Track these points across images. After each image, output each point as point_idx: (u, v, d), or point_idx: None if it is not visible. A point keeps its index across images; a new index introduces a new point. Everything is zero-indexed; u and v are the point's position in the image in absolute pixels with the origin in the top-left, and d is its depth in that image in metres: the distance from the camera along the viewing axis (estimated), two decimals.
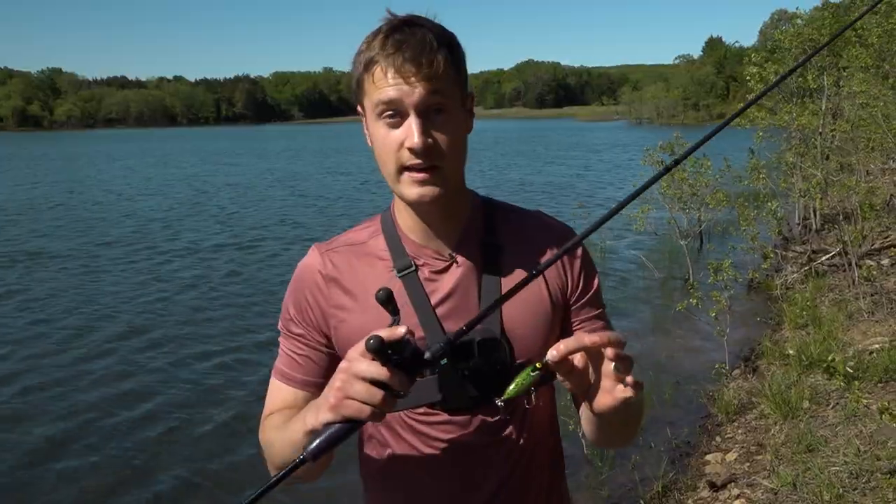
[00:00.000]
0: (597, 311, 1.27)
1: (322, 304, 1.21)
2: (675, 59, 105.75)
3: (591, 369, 1.00)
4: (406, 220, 1.21)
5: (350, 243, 1.24)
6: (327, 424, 0.96)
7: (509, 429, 1.21)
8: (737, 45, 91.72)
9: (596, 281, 1.28)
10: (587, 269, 1.27)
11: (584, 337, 0.95)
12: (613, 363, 0.96)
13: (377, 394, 0.93)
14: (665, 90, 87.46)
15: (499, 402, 1.06)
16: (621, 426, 1.18)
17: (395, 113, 1.09)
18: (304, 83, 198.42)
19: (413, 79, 1.06)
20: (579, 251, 1.26)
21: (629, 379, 0.96)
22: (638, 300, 8.26)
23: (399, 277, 1.18)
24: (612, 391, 0.97)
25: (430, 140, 1.08)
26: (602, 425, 1.15)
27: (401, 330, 0.93)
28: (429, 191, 1.11)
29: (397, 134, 1.09)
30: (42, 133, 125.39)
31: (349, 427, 0.96)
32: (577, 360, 0.98)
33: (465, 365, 1.12)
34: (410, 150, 1.08)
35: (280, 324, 1.27)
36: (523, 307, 1.19)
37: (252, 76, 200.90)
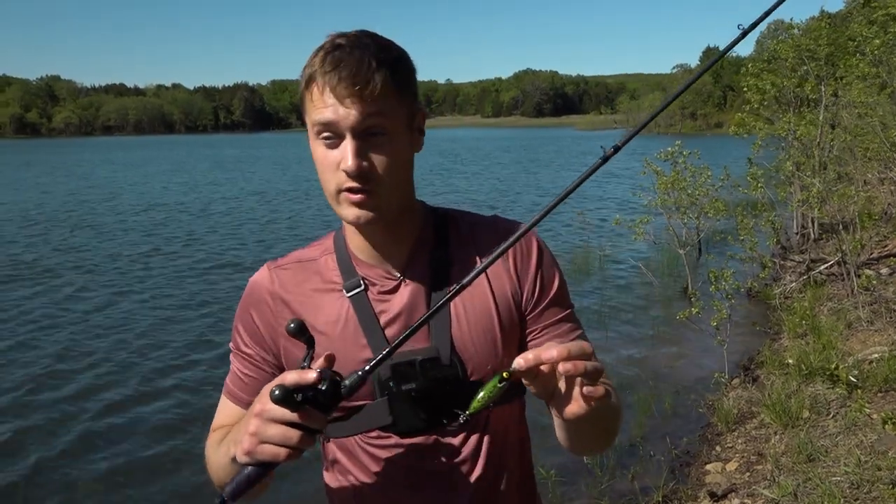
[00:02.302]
0: (561, 314, 1.21)
1: (271, 322, 1.18)
2: (673, 68, 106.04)
3: (558, 374, 0.94)
4: (354, 240, 1.19)
5: (300, 261, 1.22)
6: (245, 465, 0.95)
7: (468, 452, 1.17)
8: (734, 55, 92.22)
9: (556, 281, 1.22)
10: (545, 271, 1.21)
11: (543, 353, 0.89)
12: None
13: (293, 436, 0.91)
14: (663, 99, 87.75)
15: (462, 418, 1.01)
16: (594, 433, 1.13)
17: (332, 135, 1.05)
18: None
19: (348, 100, 1.03)
20: (534, 252, 1.21)
21: (593, 389, 0.91)
22: (637, 308, 8.25)
23: (348, 297, 1.16)
24: (578, 399, 0.93)
25: (365, 163, 1.05)
26: (574, 432, 1.10)
27: (311, 375, 0.90)
28: (364, 214, 1.08)
29: (335, 154, 1.06)
30: (41, 140, 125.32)
31: (266, 468, 0.94)
32: (543, 366, 0.93)
33: (410, 386, 1.09)
34: (346, 172, 1.05)
35: (231, 342, 1.24)
36: (472, 324, 1.15)
37: (250, 84, 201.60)
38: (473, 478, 1.17)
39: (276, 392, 0.88)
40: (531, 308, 1.20)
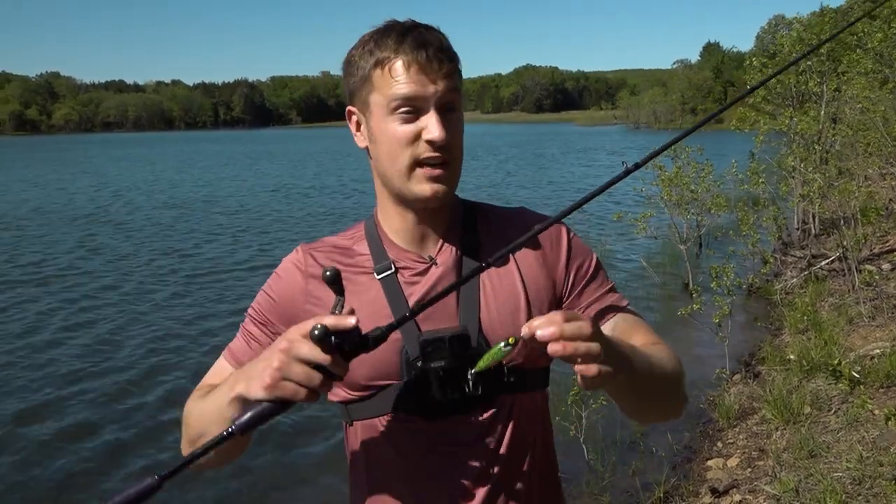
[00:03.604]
0: (604, 290, 1.24)
1: (298, 300, 1.20)
2: (673, 63, 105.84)
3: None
4: (392, 224, 1.22)
5: (333, 244, 1.25)
6: (258, 401, 0.94)
7: (493, 437, 1.17)
8: (734, 49, 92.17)
9: (591, 263, 1.26)
10: (575, 255, 1.24)
11: (538, 329, 0.90)
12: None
13: (315, 377, 0.92)
14: (663, 95, 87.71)
15: (470, 374, 1.03)
16: (645, 398, 1.13)
17: (412, 109, 1.10)
18: (303, 87, 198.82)
19: (435, 75, 1.09)
20: (564, 240, 1.24)
21: (584, 368, 0.91)
22: (638, 304, 8.13)
23: (378, 279, 1.19)
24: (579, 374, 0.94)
25: (449, 136, 1.11)
26: (616, 397, 1.11)
27: (351, 321, 0.91)
28: (441, 188, 1.13)
29: (412, 128, 1.11)
30: (41, 137, 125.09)
31: (281, 406, 0.94)
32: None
33: (439, 364, 1.09)
34: (430, 142, 1.10)
35: (249, 308, 1.25)
36: (500, 307, 1.18)
37: (250, 80, 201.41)
38: (498, 463, 1.17)
39: (318, 331, 0.89)
40: (569, 292, 1.23)
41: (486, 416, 1.16)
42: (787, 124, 8.61)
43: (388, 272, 1.19)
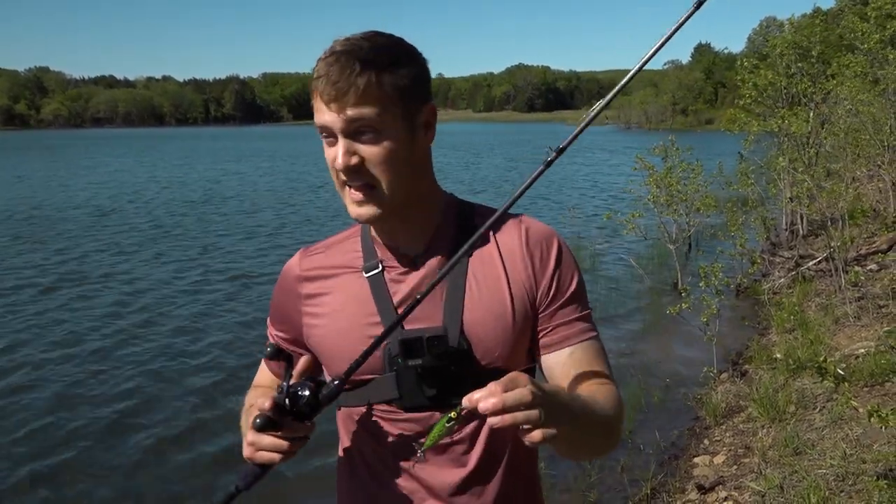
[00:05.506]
0: (576, 314, 1.23)
1: (297, 304, 1.28)
2: (665, 64, 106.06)
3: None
4: (376, 226, 1.25)
5: (329, 245, 1.31)
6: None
7: (472, 430, 1.20)
8: (725, 51, 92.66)
9: (574, 282, 1.24)
10: (562, 270, 1.23)
11: (481, 401, 0.91)
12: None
13: (283, 445, 1.07)
14: (654, 95, 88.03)
15: (420, 453, 1.06)
16: (577, 449, 1.18)
17: (328, 134, 1.13)
18: (294, 84, 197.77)
19: (333, 104, 1.09)
20: (554, 252, 1.23)
21: (529, 437, 0.93)
22: (627, 304, 8.28)
23: (366, 277, 1.23)
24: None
25: (355, 161, 1.11)
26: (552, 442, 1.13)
27: (267, 404, 1.05)
28: (364, 210, 1.15)
29: (333, 152, 1.13)
30: (31, 132, 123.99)
31: (268, 468, 1.10)
32: None
33: (416, 362, 1.13)
34: (337, 169, 1.13)
35: (268, 318, 1.38)
36: (484, 309, 1.19)
37: (242, 77, 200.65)
38: (476, 455, 1.21)
39: (258, 421, 1.04)
40: (545, 306, 1.22)
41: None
42: (778, 125, 8.66)
43: (376, 271, 1.23)
